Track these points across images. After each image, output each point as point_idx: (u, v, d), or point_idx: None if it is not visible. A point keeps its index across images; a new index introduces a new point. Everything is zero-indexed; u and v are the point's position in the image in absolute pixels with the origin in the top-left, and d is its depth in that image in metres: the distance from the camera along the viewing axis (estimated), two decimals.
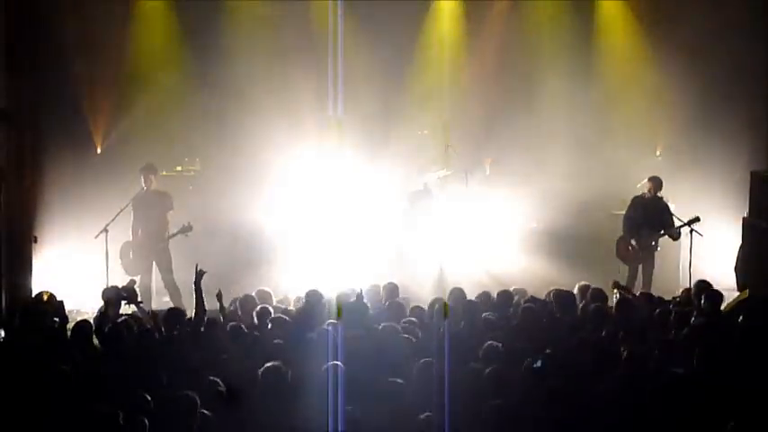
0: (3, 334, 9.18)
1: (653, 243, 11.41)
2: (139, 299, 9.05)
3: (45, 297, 9.22)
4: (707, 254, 11.49)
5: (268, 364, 6.66)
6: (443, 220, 13.01)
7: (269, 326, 8.18)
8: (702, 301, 8.57)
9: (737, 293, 10.48)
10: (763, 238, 10.46)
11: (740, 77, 13.22)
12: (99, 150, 13.12)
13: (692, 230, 11.21)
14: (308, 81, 13.64)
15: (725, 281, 10.89)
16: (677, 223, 11.41)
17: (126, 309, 9.30)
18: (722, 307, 8.95)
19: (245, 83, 13.30)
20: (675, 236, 11.42)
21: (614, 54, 14.21)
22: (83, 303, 11.20)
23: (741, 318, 8.30)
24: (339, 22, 13.38)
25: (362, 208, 13.09)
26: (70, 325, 8.62)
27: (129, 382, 6.63)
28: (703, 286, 9.00)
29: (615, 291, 9.40)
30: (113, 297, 8.81)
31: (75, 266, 12.04)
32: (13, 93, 11.79)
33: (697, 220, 11.22)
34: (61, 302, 9.15)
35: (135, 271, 10.79)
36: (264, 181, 13.17)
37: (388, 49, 13.88)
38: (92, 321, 8.35)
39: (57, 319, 8.62)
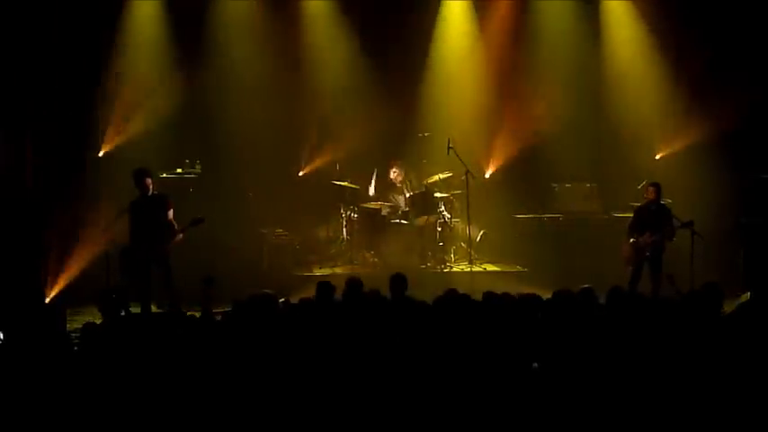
0: (2, 336, 9.15)
1: (656, 243, 11.32)
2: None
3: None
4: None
5: None
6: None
7: None
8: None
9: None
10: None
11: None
12: (101, 153, 13.06)
13: (693, 233, 11.17)
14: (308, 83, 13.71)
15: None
16: (675, 224, 11.35)
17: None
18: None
19: (247, 84, 13.35)
20: (670, 236, 11.36)
21: (620, 53, 14.14)
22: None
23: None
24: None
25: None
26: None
27: None
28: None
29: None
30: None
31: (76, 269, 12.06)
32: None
33: (691, 223, 11.19)
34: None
35: (133, 276, 10.66)
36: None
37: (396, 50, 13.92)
38: None
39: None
